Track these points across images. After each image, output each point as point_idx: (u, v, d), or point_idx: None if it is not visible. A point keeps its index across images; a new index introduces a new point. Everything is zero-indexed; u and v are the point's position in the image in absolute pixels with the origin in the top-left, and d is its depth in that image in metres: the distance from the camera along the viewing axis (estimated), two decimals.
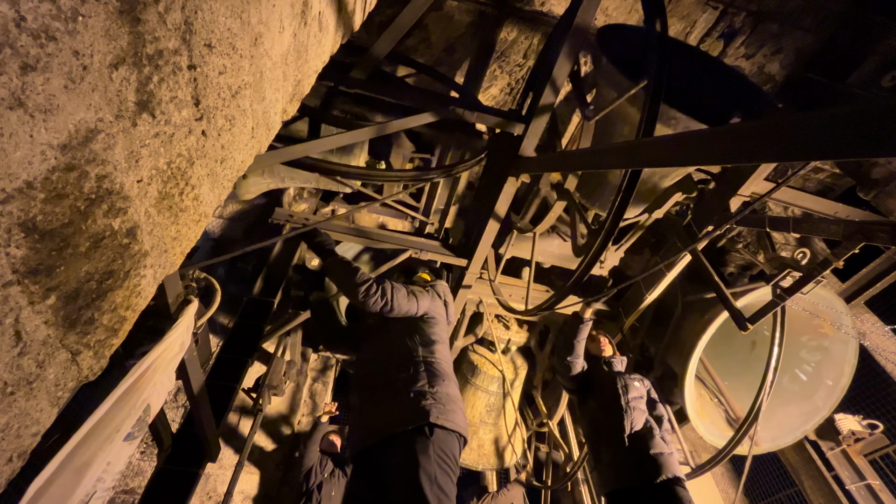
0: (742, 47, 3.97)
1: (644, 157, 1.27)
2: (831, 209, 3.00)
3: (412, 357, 1.92)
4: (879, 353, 4.79)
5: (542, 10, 3.65)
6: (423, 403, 1.73)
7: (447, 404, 1.77)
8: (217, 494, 3.93)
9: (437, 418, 1.70)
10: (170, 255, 0.81)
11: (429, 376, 1.85)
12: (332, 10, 1.38)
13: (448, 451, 1.66)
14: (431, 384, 1.82)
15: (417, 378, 1.83)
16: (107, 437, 1.11)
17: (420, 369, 1.87)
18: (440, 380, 1.86)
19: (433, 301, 2.17)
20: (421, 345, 1.97)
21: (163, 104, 0.65)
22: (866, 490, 4.68)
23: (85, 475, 1.06)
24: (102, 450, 1.10)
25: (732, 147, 0.84)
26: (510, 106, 4.48)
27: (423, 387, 1.80)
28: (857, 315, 4.95)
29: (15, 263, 0.50)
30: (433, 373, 1.87)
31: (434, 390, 1.79)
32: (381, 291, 1.99)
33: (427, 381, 1.83)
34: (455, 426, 1.74)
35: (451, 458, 1.66)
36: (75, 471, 1.02)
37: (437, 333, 2.06)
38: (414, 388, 1.79)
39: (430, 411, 1.71)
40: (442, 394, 1.80)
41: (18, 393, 0.55)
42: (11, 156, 0.45)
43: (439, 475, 1.55)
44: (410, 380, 1.83)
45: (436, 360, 1.93)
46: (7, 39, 0.42)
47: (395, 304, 2.01)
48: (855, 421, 4.89)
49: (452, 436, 1.73)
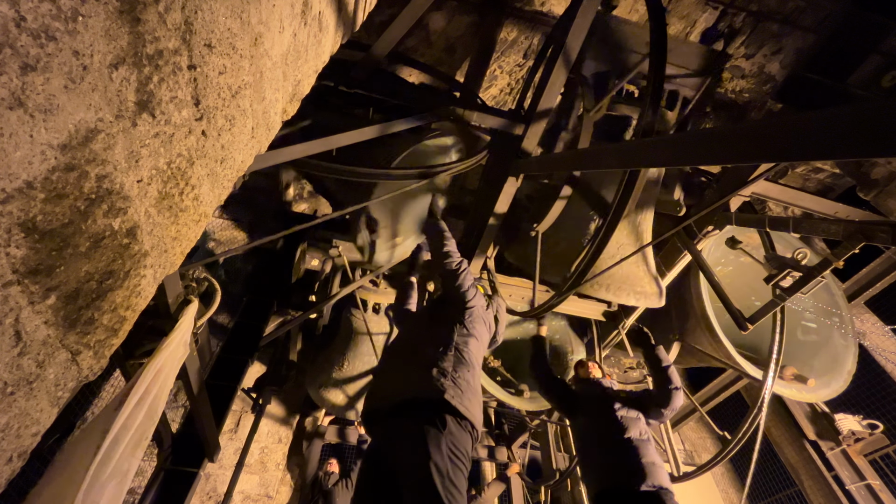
0: (742, 47, 3.97)
1: (643, 157, 1.27)
2: (831, 209, 3.00)
3: (447, 340, 1.98)
4: (879, 353, 4.79)
5: (542, 10, 3.65)
6: (441, 381, 1.76)
7: (465, 391, 1.79)
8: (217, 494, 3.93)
9: (452, 398, 1.71)
10: (170, 255, 0.81)
11: (455, 360, 1.89)
12: (332, 10, 1.38)
13: (460, 445, 1.65)
14: (455, 367, 1.86)
15: (444, 358, 1.88)
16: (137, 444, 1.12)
17: (450, 352, 1.92)
18: (465, 367, 1.89)
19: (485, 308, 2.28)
20: (459, 333, 2.04)
21: (163, 104, 0.65)
22: (866, 490, 4.68)
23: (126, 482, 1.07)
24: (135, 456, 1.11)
25: (732, 147, 0.84)
26: (510, 106, 4.48)
27: (446, 367, 1.84)
28: (857, 315, 4.95)
29: (15, 263, 0.50)
30: (460, 359, 1.91)
31: (457, 374, 1.83)
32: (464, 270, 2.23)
33: (452, 363, 1.87)
34: (468, 414, 1.74)
35: (463, 452, 1.65)
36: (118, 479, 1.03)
37: (478, 330, 2.13)
38: (438, 365, 1.84)
39: (446, 390, 1.73)
40: (462, 380, 1.83)
41: (18, 393, 0.55)
42: (11, 156, 0.45)
43: (451, 470, 1.54)
44: (437, 357, 1.88)
45: (467, 351, 1.97)
46: (7, 39, 0.42)
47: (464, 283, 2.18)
48: (855, 421, 4.89)
49: (465, 428, 1.72)
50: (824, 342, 3.77)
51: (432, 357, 1.88)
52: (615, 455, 2.44)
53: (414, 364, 1.88)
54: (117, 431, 1.03)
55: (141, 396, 1.13)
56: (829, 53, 3.80)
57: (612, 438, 2.48)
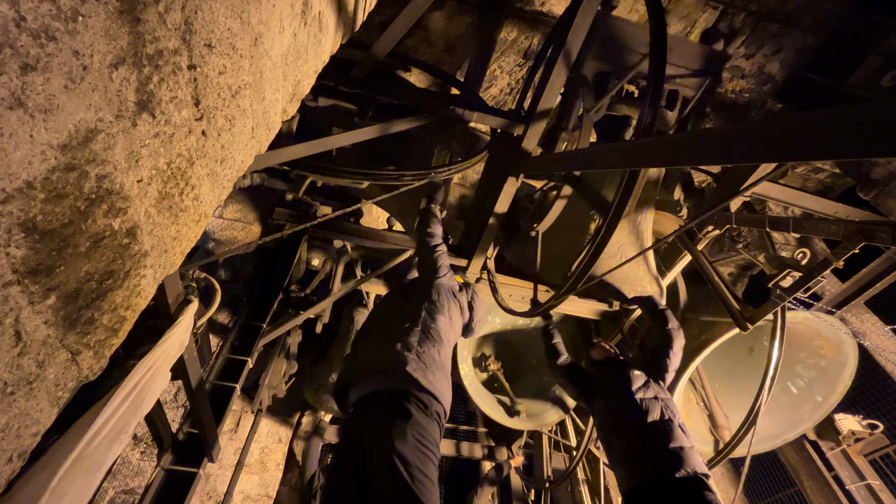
0: (742, 47, 3.97)
1: (643, 157, 1.27)
2: (831, 209, 3.00)
3: (415, 316, 2.01)
4: (879, 353, 4.79)
5: (542, 10, 3.65)
6: (405, 354, 1.78)
7: (430, 365, 1.79)
8: (217, 494, 3.93)
9: (414, 371, 1.72)
10: (170, 255, 0.81)
11: (421, 335, 1.91)
12: (332, 10, 1.38)
13: (427, 434, 1.61)
14: (421, 342, 1.87)
15: (410, 333, 1.90)
16: (115, 438, 1.11)
17: (416, 328, 1.94)
18: (431, 342, 1.90)
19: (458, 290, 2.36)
20: (426, 311, 2.06)
21: (163, 104, 0.65)
22: (866, 490, 4.68)
23: (97, 476, 1.06)
24: (111, 450, 1.10)
25: (732, 147, 0.84)
26: (510, 106, 4.48)
27: (411, 341, 1.86)
28: (857, 315, 4.95)
29: (15, 263, 0.50)
30: (427, 335, 1.93)
31: (422, 349, 1.84)
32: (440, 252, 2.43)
33: (418, 338, 1.89)
34: (432, 388, 1.71)
35: (431, 441, 1.61)
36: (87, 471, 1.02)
37: (446, 308, 2.14)
38: (402, 340, 1.86)
39: (409, 363, 1.74)
40: (427, 355, 1.83)
41: (18, 393, 0.55)
42: (11, 156, 0.45)
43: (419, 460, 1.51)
44: (405, 332, 1.90)
45: (434, 327, 1.99)
46: (7, 39, 0.42)
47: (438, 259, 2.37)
48: (855, 421, 4.89)
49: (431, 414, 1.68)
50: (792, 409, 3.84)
51: (398, 333, 1.91)
52: (640, 441, 2.28)
53: (382, 341, 1.91)
54: (99, 425, 1.03)
55: (128, 392, 1.13)
56: (829, 53, 3.80)
57: (633, 424, 2.35)
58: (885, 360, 4.84)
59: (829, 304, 4.90)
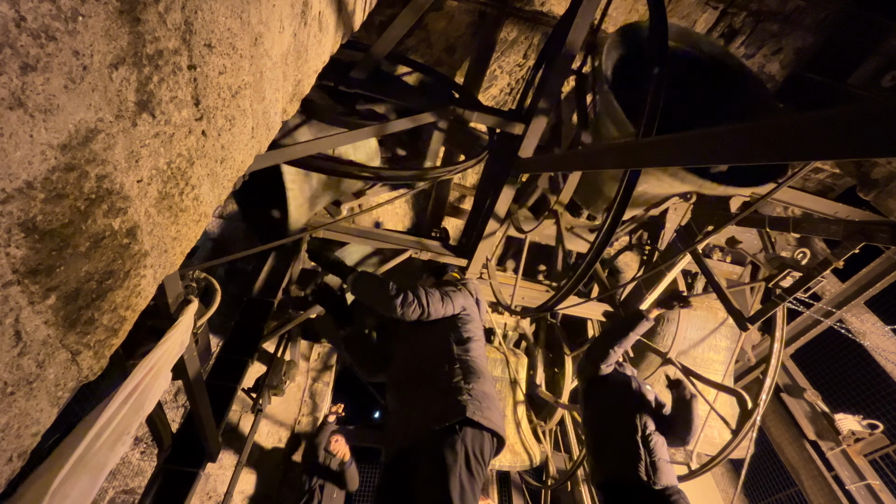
0: (742, 47, 3.97)
1: (643, 157, 1.27)
2: (831, 209, 3.00)
3: (448, 355, 1.90)
4: (879, 353, 4.79)
5: (542, 10, 3.65)
6: (459, 399, 1.70)
7: (483, 401, 1.74)
8: (217, 494, 3.93)
9: (474, 414, 1.66)
10: (170, 255, 0.81)
11: (464, 373, 1.82)
12: (332, 10, 1.38)
13: (478, 451, 1.62)
14: (468, 380, 1.78)
15: (453, 374, 1.81)
16: (118, 439, 1.11)
17: (455, 366, 1.84)
18: (476, 377, 1.83)
19: (466, 299, 2.16)
20: (456, 342, 1.95)
21: (163, 104, 0.65)
22: (866, 490, 4.68)
23: (100, 477, 1.06)
24: (114, 451, 1.10)
25: (733, 147, 0.84)
26: (510, 106, 4.47)
27: (458, 382, 1.77)
28: (857, 315, 4.95)
29: (15, 263, 0.50)
30: (469, 370, 1.84)
31: (470, 387, 1.76)
32: (416, 300, 1.97)
33: (463, 377, 1.80)
34: (491, 424, 1.69)
35: (481, 460, 1.61)
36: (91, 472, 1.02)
37: (472, 331, 2.04)
38: (451, 384, 1.77)
39: (468, 407, 1.67)
40: (478, 391, 1.76)
41: (18, 393, 0.55)
42: (11, 156, 0.45)
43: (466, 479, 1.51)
44: (447, 376, 1.81)
45: (471, 358, 1.91)
46: (7, 39, 0.42)
47: (432, 310, 1.99)
48: (855, 421, 4.88)
49: (486, 435, 1.69)
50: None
51: (442, 378, 1.79)
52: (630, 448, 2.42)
53: (429, 393, 1.79)
54: (100, 426, 1.03)
55: (129, 392, 1.13)
56: (829, 53, 3.80)
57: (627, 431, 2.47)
58: (885, 360, 4.84)
59: (829, 304, 4.90)
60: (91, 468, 1.01)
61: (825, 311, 4.81)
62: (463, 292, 2.18)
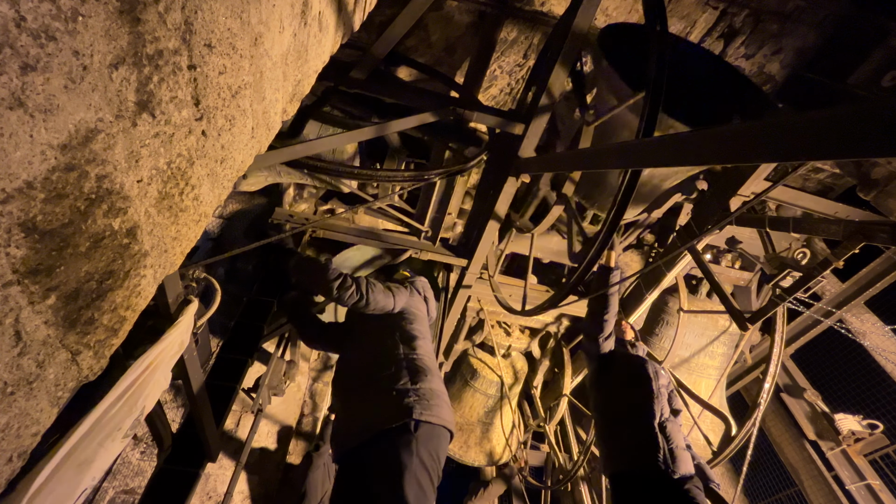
0: (742, 47, 3.97)
1: (643, 157, 1.27)
2: (831, 209, 3.00)
3: (393, 355, 1.92)
4: (879, 353, 4.79)
5: (542, 10, 3.65)
6: (406, 400, 1.72)
7: (431, 399, 1.76)
8: (217, 494, 3.92)
9: (422, 414, 1.68)
10: (170, 255, 0.81)
11: (411, 373, 1.84)
12: (332, 10, 1.38)
13: (433, 449, 1.64)
14: (414, 381, 1.81)
15: (400, 376, 1.83)
16: (108, 435, 1.11)
17: (402, 366, 1.86)
18: (423, 376, 1.85)
19: (412, 297, 2.17)
20: (402, 342, 1.97)
21: (163, 104, 0.65)
22: (866, 490, 4.68)
23: (86, 473, 1.05)
24: (104, 447, 1.10)
25: (732, 147, 0.84)
26: (510, 106, 4.47)
27: (405, 384, 1.79)
28: (857, 315, 4.95)
29: (15, 263, 0.50)
30: (415, 369, 1.86)
31: (417, 387, 1.78)
32: (356, 285, 2.00)
33: (409, 377, 1.82)
34: (440, 420, 1.72)
35: (435, 457, 1.63)
36: (77, 468, 1.02)
37: (418, 329, 2.05)
38: (397, 385, 1.79)
39: (414, 408, 1.70)
40: (425, 389, 1.79)
41: (18, 393, 0.55)
42: (11, 156, 0.45)
43: (421, 476, 1.53)
44: (393, 377, 1.82)
45: (417, 357, 1.92)
46: (7, 39, 0.42)
47: (370, 299, 2.01)
48: (855, 421, 4.89)
49: (437, 431, 1.71)
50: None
51: (388, 380, 1.81)
52: (647, 436, 2.30)
53: (374, 395, 1.80)
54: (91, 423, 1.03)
55: (123, 391, 1.12)
56: (829, 53, 3.80)
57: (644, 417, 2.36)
58: (885, 360, 4.84)
59: (829, 304, 4.90)
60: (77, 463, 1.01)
61: (825, 311, 4.81)
62: (409, 289, 2.19)
